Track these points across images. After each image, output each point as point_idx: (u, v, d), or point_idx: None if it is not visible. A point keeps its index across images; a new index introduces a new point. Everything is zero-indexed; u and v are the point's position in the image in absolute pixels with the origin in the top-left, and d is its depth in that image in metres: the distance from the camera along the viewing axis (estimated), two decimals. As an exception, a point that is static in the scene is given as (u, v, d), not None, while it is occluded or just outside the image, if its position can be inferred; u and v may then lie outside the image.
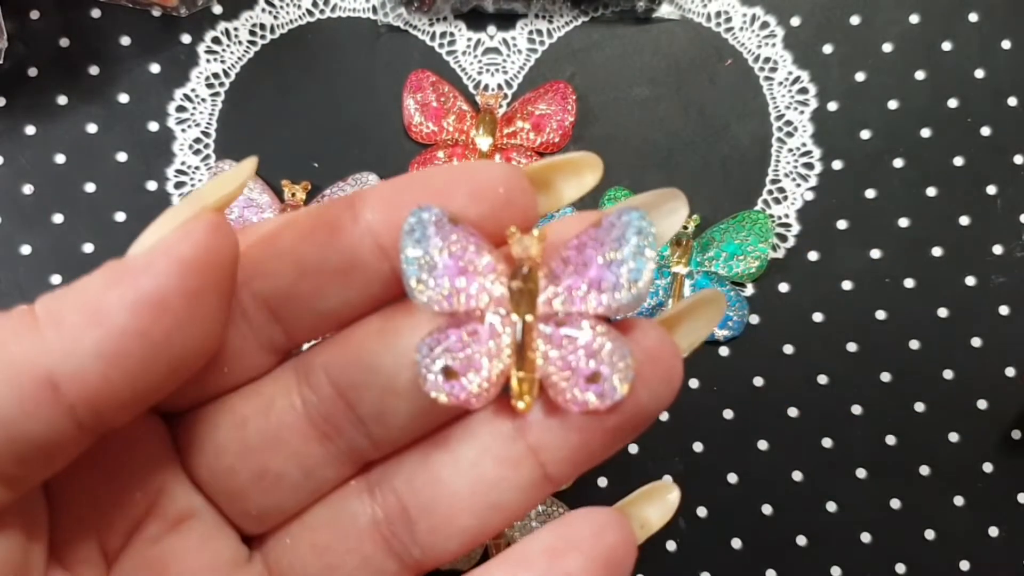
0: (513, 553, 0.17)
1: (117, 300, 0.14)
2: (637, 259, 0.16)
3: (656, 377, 0.17)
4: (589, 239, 0.16)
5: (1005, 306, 0.34)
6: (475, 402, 0.16)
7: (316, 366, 0.17)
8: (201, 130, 0.35)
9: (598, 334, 0.16)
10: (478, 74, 0.36)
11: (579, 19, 0.36)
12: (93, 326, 0.14)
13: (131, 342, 0.14)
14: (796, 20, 0.36)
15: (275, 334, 0.17)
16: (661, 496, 0.18)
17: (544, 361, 0.17)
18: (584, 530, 0.16)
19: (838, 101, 0.35)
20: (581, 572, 0.16)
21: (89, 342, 0.14)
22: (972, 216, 0.34)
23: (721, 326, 0.34)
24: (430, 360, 0.16)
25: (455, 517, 0.17)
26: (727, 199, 0.35)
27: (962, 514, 0.33)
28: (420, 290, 0.16)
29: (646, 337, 0.17)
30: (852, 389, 0.34)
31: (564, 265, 0.17)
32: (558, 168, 0.17)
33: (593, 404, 0.16)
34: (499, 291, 0.17)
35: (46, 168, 0.35)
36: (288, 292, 0.17)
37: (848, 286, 0.34)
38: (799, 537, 0.33)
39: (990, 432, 0.34)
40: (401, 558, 0.18)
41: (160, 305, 0.14)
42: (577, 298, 0.16)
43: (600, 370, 0.16)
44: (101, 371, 0.14)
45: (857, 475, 0.33)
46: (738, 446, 0.34)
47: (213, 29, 0.36)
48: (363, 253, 0.17)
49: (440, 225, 0.16)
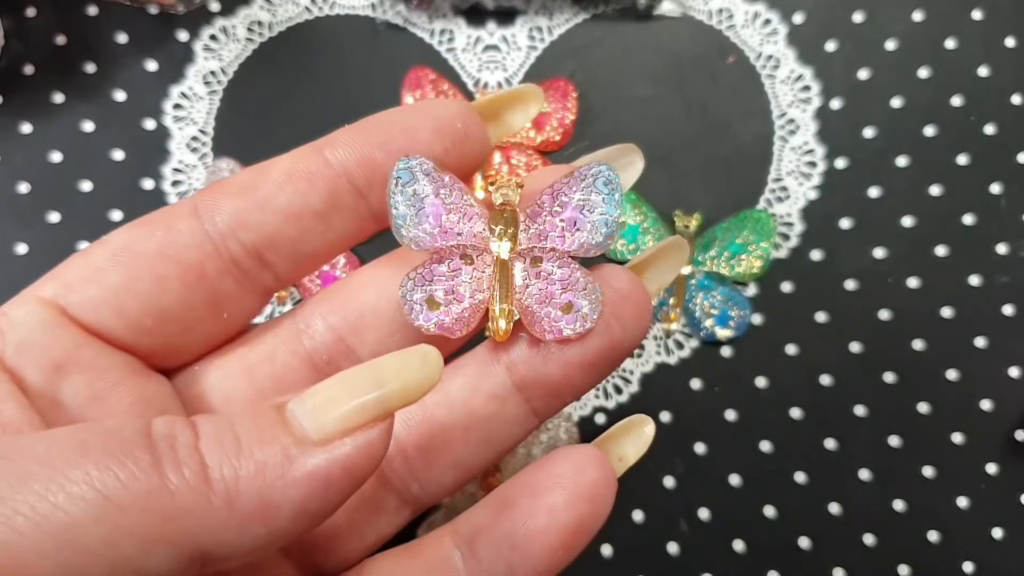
0: (500, 493, 0.18)
1: (288, 499, 0.14)
2: (606, 205, 0.18)
3: (628, 314, 0.18)
4: (563, 186, 0.18)
5: (1009, 306, 0.34)
6: (456, 330, 0.18)
7: (315, 316, 0.19)
8: (198, 128, 0.35)
9: (572, 270, 0.18)
10: (478, 71, 0.36)
11: (580, 16, 0.36)
12: (262, 523, 0.13)
13: (283, 540, 0.14)
14: (799, 17, 0.35)
15: (265, 278, 0.19)
16: (637, 430, 0.19)
17: (522, 294, 0.18)
18: (566, 467, 0.18)
19: (841, 99, 0.35)
20: (565, 506, 0.17)
21: (249, 538, 0.14)
22: (976, 215, 0.34)
23: (723, 326, 0.34)
24: (415, 292, 0.18)
25: (451, 453, 0.19)
26: (729, 198, 0.35)
27: (966, 515, 0.33)
28: (407, 228, 0.18)
29: (616, 279, 0.18)
30: (855, 390, 0.34)
31: (540, 208, 0.18)
32: (504, 101, 0.19)
33: (566, 331, 0.18)
34: (482, 230, 0.18)
35: (42, 166, 0.35)
36: (273, 238, 0.18)
37: (851, 286, 0.34)
38: (802, 539, 0.33)
39: (994, 433, 0.33)
40: (400, 493, 0.19)
41: (318, 516, 0.14)
42: (552, 238, 0.18)
43: (573, 300, 0.18)
44: (250, 555, 0.14)
45: (860, 476, 0.33)
46: (740, 447, 0.34)
47: (210, 26, 0.35)
48: (341, 195, 0.18)
49: (427, 171, 0.18)
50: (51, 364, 0.17)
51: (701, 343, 0.34)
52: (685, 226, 0.34)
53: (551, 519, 0.17)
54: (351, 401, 0.14)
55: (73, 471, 0.12)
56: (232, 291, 0.18)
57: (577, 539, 0.17)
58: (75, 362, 0.17)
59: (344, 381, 0.15)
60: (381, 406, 0.14)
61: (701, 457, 0.34)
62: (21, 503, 0.12)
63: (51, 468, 0.12)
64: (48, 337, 0.17)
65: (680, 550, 0.33)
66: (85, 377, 0.17)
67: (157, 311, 0.18)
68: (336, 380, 0.15)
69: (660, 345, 0.34)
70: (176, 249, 0.18)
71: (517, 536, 0.17)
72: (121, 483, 0.12)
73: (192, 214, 0.18)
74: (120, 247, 0.18)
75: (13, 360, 0.17)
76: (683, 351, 0.34)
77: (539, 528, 0.17)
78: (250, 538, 0.13)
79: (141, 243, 0.18)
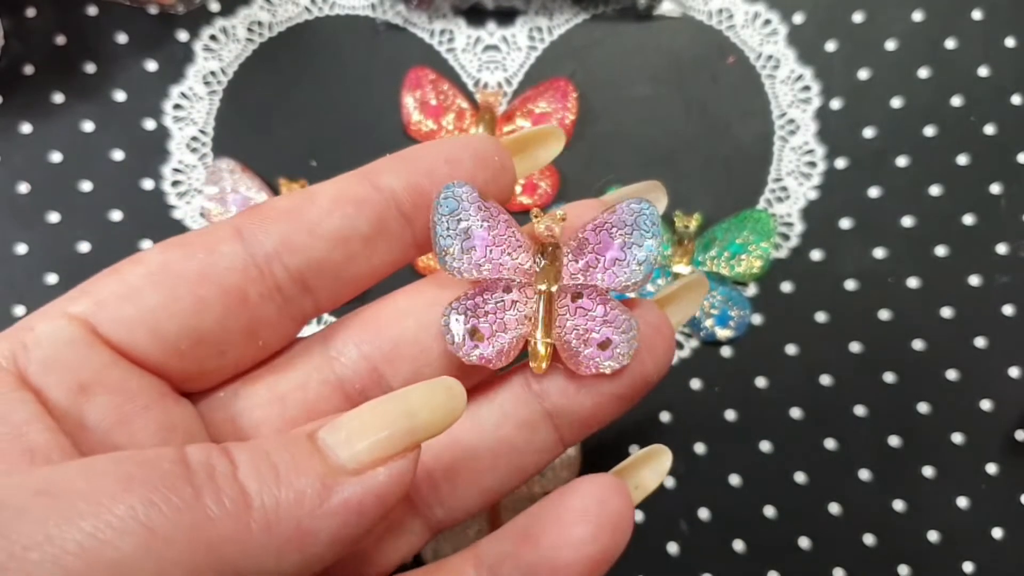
0: (522, 521, 0.18)
1: (325, 526, 0.14)
2: (647, 242, 0.19)
3: (658, 347, 0.19)
4: (605, 223, 0.19)
5: (1009, 306, 0.34)
6: (496, 363, 0.18)
7: (348, 343, 0.19)
8: (198, 128, 0.35)
9: (611, 307, 0.19)
10: (477, 72, 0.36)
11: (580, 16, 0.36)
12: (298, 551, 0.14)
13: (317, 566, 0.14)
14: (799, 17, 0.35)
15: (305, 304, 0.19)
16: (656, 460, 0.20)
17: (561, 328, 0.19)
18: (589, 499, 0.18)
19: (841, 99, 0.35)
20: (591, 540, 0.17)
21: (287, 565, 0.14)
22: (976, 215, 0.34)
23: (723, 326, 0.34)
24: (459, 323, 0.18)
25: (478, 479, 0.19)
26: (729, 198, 0.35)
27: (966, 516, 0.33)
28: (452, 257, 0.18)
29: (649, 314, 0.19)
30: (855, 390, 0.34)
31: (583, 245, 0.19)
32: (529, 139, 0.20)
33: (603, 367, 0.18)
34: (526, 264, 0.19)
35: (42, 167, 0.35)
36: (320, 263, 0.18)
37: (852, 286, 0.34)
38: (802, 539, 0.33)
39: (994, 433, 0.33)
40: (426, 518, 0.20)
41: (351, 542, 0.15)
42: (595, 274, 0.19)
43: (611, 337, 0.18)
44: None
45: (860, 476, 0.33)
46: (740, 447, 0.34)
47: (210, 26, 0.35)
48: (388, 221, 0.18)
49: (473, 200, 0.18)
50: (77, 384, 0.16)
51: (701, 343, 0.34)
52: (685, 226, 0.34)
53: (577, 553, 0.17)
54: (383, 431, 0.15)
55: (118, 506, 0.12)
56: (272, 317, 0.18)
57: (600, 570, 0.18)
58: (102, 383, 0.17)
59: (375, 410, 0.15)
60: (412, 436, 0.15)
61: (701, 457, 0.34)
62: (70, 542, 0.12)
63: (96, 504, 0.12)
64: (76, 356, 0.17)
65: (680, 550, 0.33)
66: (112, 399, 0.17)
67: (194, 334, 0.17)
68: (367, 410, 0.15)
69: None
70: (219, 272, 0.17)
71: (542, 568, 0.17)
72: (165, 516, 0.13)
73: (235, 237, 0.18)
74: (158, 267, 0.17)
75: (37, 378, 0.16)
76: (683, 351, 0.34)
77: (565, 562, 0.17)
78: (287, 565, 0.14)
79: (181, 264, 0.17)
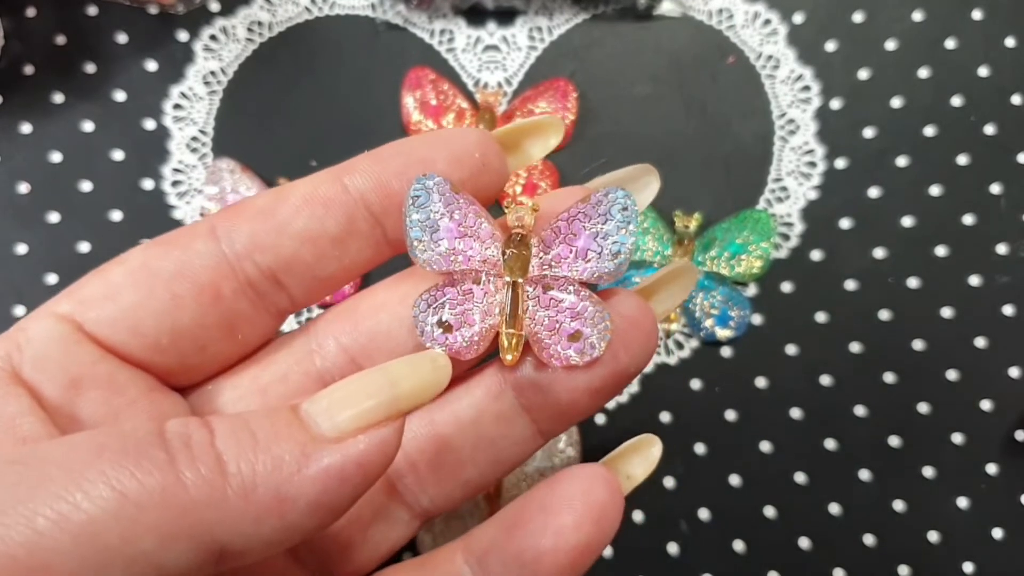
0: (511, 511, 0.18)
1: (304, 493, 0.14)
2: (620, 233, 0.18)
3: (635, 340, 0.18)
4: (578, 212, 0.18)
5: (1009, 306, 0.34)
6: (466, 353, 0.18)
7: (327, 336, 0.19)
8: (198, 128, 0.35)
9: (581, 298, 0.18)
10: (478, 71, 0.35)
11: (580, 16, 0.36)
12: (277, 517, 0.14)
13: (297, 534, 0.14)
14: (799, 17, 0.35)
15: (281, 300, 0.19)
16: (645, 450, 0.20)
17: (531, 320, 0.18)
18: (575, 487, 0.18)
19: (841, 99, 0.35)
20: (574, 527, 0.17)
21: (266, 532, 0.14)
22: (976, 215, 0.34)
23: (723, 326, 0.34)
24: (427, 314, 0.18)
25: (459, 471, 0.20)
26: (729, 198, 0.35)
27: (966, 516, 0.33)
28: (421, 249, 0.18)
29: (625, 305, 0.19)
30: (855, 390, 0.34)
31: (554, 235, 0.18)
32: (524, 131, 0.19)
33: (573, 360, 0.18)
34: (494, 254, 0.18)
35: (42, 167, 0.35)
36: (289, 262, 0.18)
37: (852, 286, 0.34)
38: (802, 539, 0.33)
39: (994, 433, 0.33)
40: (412, 507, 0.20)
41: (332, 511, 0.15)
42: (564, 265, 0.18)
43: (581, 329, 0.18)
44: (266, 550, 0.14)
45: (860, 477, 0.33)
46: (740, 447, 0.34)
47: (210, 26, 0.35)
48: (357, 221, 0.18)
49: (443, 192, 0.18)
50: (68, 380, 0.17)
51: (701, 343, 0.34)
52: (685, 226, 0.34)
53: (560, 540, 0.17)
54: (365, 401, 0.15)
55: (90, 471, 0.13)
56: (247, 312, 0.19)
57: (585, 558, 0.18)
58: (92, 378, 0.17)
59: (357, 382, 0.15)
60: (394, 406, 0.15)
61: (701, 457, 0.34)
62: (41, 504, 0.12)
63: (69, 470, 0.13)
64: (65, 353, 0.17)
65: (680, 550, 0.33)
66: (102, 393, 0.17)
67: (172, 330, 0.18)
68: (350, 381, 0.15)
69: (660, 345, 0.34)
70: (193, 269, 0.18)
71: (527, 555, 0.18)
72: (137, 480, 0.13)
73: (209, 235, 0.18)
74: (137, 265, 0.18)
75: (31, 375, 0.17)
76: (683, 351, 0.34)
77: (548, 548, 0.17)
78: (266, 531, 0.14)
79: (158, 262, 0.18)
